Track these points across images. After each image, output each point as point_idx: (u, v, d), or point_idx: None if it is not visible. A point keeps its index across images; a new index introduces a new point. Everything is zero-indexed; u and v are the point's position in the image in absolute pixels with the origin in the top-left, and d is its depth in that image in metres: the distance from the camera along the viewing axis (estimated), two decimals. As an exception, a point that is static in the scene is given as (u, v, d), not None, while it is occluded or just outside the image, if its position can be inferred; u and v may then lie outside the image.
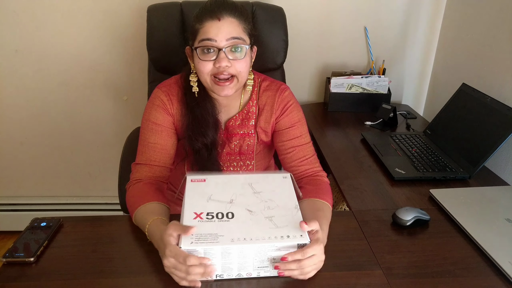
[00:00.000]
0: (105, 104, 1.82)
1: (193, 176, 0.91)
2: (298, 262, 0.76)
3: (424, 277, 0.82)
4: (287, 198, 0.87)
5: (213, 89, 0.99)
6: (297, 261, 0.76)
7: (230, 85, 0.97)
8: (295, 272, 0.77)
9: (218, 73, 0.95)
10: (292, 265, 0.76)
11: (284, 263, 0.76)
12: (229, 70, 0.95)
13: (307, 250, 0.76)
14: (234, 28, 0.94)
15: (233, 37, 0.94)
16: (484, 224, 0.98)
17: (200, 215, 0.81)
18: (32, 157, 1.90)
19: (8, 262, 0.82)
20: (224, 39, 0.93)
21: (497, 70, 1.40)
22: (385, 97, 1.74)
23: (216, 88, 0.98)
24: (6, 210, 1.98)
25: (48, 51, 1.70)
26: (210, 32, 0.93)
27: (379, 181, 1.21)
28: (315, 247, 0.77)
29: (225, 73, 0.95)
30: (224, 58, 0.94)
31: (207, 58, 0.95)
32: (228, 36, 0.93)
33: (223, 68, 0.94)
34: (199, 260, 0.73)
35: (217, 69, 0.95)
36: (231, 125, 1.10)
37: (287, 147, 1.08)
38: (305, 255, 0.76)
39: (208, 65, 0.95)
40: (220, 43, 0.93)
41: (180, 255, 0.73)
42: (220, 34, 0.93)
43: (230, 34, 0.93)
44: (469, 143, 1.30)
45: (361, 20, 1.76)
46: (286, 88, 1.11)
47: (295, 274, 0.77)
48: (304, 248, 0.76)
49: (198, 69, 0.98)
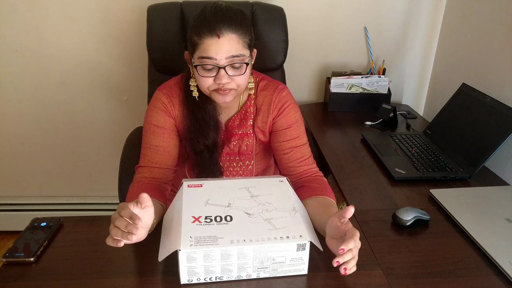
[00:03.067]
0: (105, 104, 1.82)
1: (190, 182, 0.91)
2: (351, 251, 0.74)
3: (424, 277, 0.82)
4: (284, 200, 0.88)
5: (213, 98, 0.99)
6: (349, 251, 0.74)
7: (229, 93, 0.97)
8: (352, 262, 0.75)
9: (219, 88, 0.96)
10: (347, 255, 0.74)
11: (342, 256, 0.74)
12: (229, 86, 0.95)
13: (355, 237, 0.75)
14: (233, 46, 0.92)
15: (233, 56, 0.92)
16: (484, 224, 0.98)
17: (198, 218, 0.81)
18: (32, 157, 1.90)
19: (8, 262, 0.82)
20: (224, 57, 0.92)
21: (497, 70, 1.40)
22: (385, 97, 1.74)
23: (216, 97, 0.98)
24: (6, 210, 1.98)
25: (48, 51, 1.70)
26: (210, 51, 0.91)
27: (379, 181, 1.21)
28: (358, 234, 0.76)
29: (224, 88, 0.95)
30: (224, 75, 0.93)
31: (207, 75, 0.95)
32: (228, 55, 0.92)
33: (223, 85, 0.94)
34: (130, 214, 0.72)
35: (217, 85, 0.95)
36: (230, 125, 1.10)
37: (284, 147, 1.08)
38: (356, 241, 0.75)
39: (208, 80, 0.95)
40: (220, 61, 0.92)
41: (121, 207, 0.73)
42: (220, 52, 0.91)
43: (229, 52, 0.92)
44: (469, 143, 1.30)
45: (361, 20, 1.76)
46: (284, 88, 1.10)
47: (352, 264, 0.75)
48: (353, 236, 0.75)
49: (199, 83, 0.98)
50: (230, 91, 0.97)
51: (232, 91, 0.98)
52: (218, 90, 0.96)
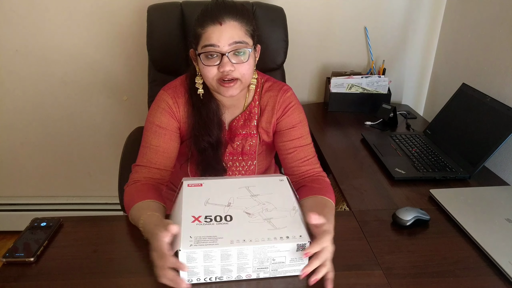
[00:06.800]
0: (105, 104, 1.82)
1: (190, 181, 0.91)
2: (318, 258, 0.74)
3: (424, 277, 0.82)
4: (284, 200, 0.87)
5: (219, 91, 1.00)
6: (317, 257, 0.74)
7: (235, 85, 0.98)
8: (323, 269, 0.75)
9: (223, 77, 0.96)
10: (315, 262, 0.74)
11: (309, 265, 0.74)
12: (233, 74, 0.96)
13: (321, 241, 0.75)
14: (236, 32, 0.94)
15: (235, 42, 0.94)
16: (484, 224, 0.98)
17: (198, 218, 0.81)
18: (32, 157, 1.90)
19: (8, 262, 0.82)
20: (226, 44, 0.93)
21: (497, 70, 1.40)
22: (385, 97, 1.74)
23: (222, 90, 0.98)
24: (6, 210, 1.98)
25: (48, 51, 1.70)
26: (212, 38, 0.93)
27: (379, 181, 1.21)
28: (327, 237, 0.76)
29: (229, 77, 0.96)
30: (227, 62, 0.94)
31: (211, 63, 0.96)
32: (230, 41, 0.93)
33: (227, 72, 0.95)
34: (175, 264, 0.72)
35: (221, 74, 0.96)
36: (234, 125, 1.10)
37: (288, 147, 1.08)
38: (322, 245, 0.75)
39: (212, 70, 0.96)
40: (222, 48, 0.93)
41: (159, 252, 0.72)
42: (222, 39, 0.93)
43: (232, 38, 0.93)
44: (469, 143, 1.30)
45: (361, 20, 1.76)
46: (288, 89, 1.11)
47: (323, 270, 0.75)
48: (318, 241, 0.75)
49: (203, 74, 0.99)
50: (236, 82, 0.97)
51: (238, 83, 0.98)
52: (223, 82, 0.97)
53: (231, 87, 0.97)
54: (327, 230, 0.78)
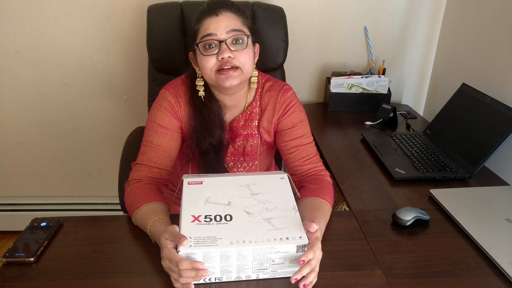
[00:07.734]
0: (105, 104, 1.82)
1: (190, 179, 0.90)
2: (309, 264, 0.75)
3: (424, 277, 0.82)
4: (285, 199, 0.87)
5: (218, 82, 0.97)
6: (308, 264, 0.75)
7: (234, 73, 0.96)
8: (312, 275, 0.76)
9: (222, 65, 0.95)
10: (305, 269, 0.75)
11: (300, 272, 0.74)
12: (233, 62, 0.95)
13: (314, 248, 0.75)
14: (232, 22, 0.95)
15: (232, 29, 0.95)
16: (484, 224, 0.98)
17: (198, 218, 0.80)
18: (32, 157, 1.90)
19: (8, 262, 0.82)
20: (224, 32, 0.94)
21: (497, 70, 1.40)
22: (385, 97, 1.74)
23: (221, 79, 0.96)
24: (6, 210, 1.98)
25: (48, 51, 1.70)
26: (209, 28, 0.95)
27: (379, 181, 1.21)
28: (318, 244, 0.77)
29: (228, 64, 0.95)
30: (226, 49, 0.94)
31: (209, 53, 0.95)
32: (227, 29, 0.94)
33: (226, 60, 0.94)
34: (191, 264, 0.72)
35: (220, 62, 0.95)
36: (235, 126, 1.10)
37: (289, 147, 1.08)
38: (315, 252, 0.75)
39: (211, 59, 0.95)
40: (220, 36, 0.94)
41: (173, 258, 0.73)
42: (220, 28, 0.94)
43: (229, 27, 0.95)
44: (469, 143, 1.30)
45: (361, 20, 1.76)
46: (289, 89, 1.11)
47: (312, 277, 0.76)
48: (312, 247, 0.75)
49: (202, 66, 0.97)
50: (236, 70, 0.96)
51: (238, 71, 0.96)
52: (222, 71, 0.95)
53: (230, 75, 0.95)
54: (318, 237, 0.78)
